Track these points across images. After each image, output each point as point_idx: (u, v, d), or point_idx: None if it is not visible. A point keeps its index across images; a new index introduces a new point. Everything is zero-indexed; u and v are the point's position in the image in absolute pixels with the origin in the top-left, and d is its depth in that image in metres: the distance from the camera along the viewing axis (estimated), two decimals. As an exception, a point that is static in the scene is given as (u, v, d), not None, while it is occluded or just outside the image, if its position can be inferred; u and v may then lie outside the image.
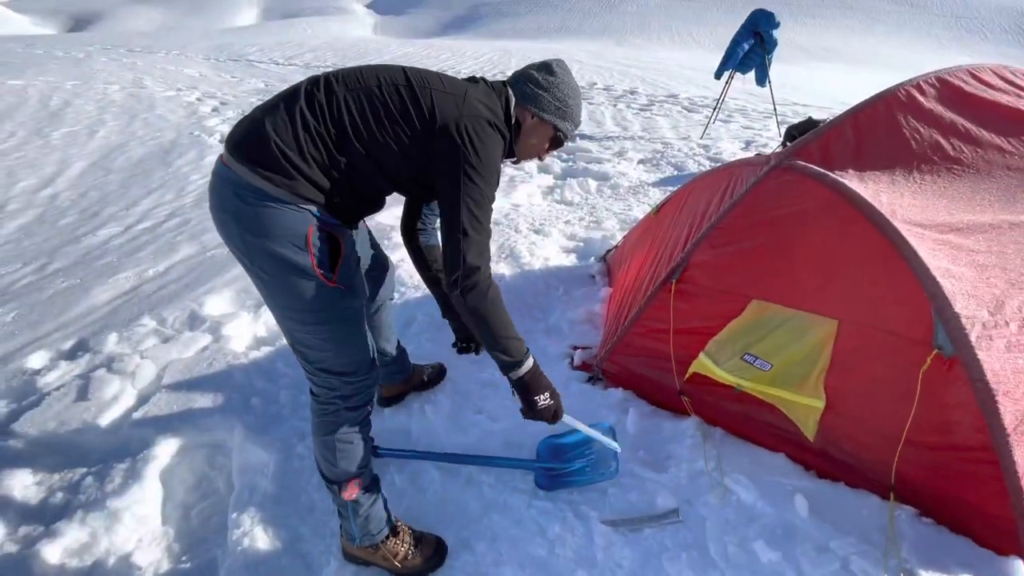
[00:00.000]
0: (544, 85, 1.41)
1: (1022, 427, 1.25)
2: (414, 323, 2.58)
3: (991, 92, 1.88)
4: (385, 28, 39.12)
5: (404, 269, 3.11)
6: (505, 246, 3.48)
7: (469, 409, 1.96)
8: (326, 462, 1.39)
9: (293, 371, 2.24)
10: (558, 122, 1.44)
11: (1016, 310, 1.36)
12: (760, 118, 7.47)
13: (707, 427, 1.80)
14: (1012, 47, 24.30)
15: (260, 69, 13.01)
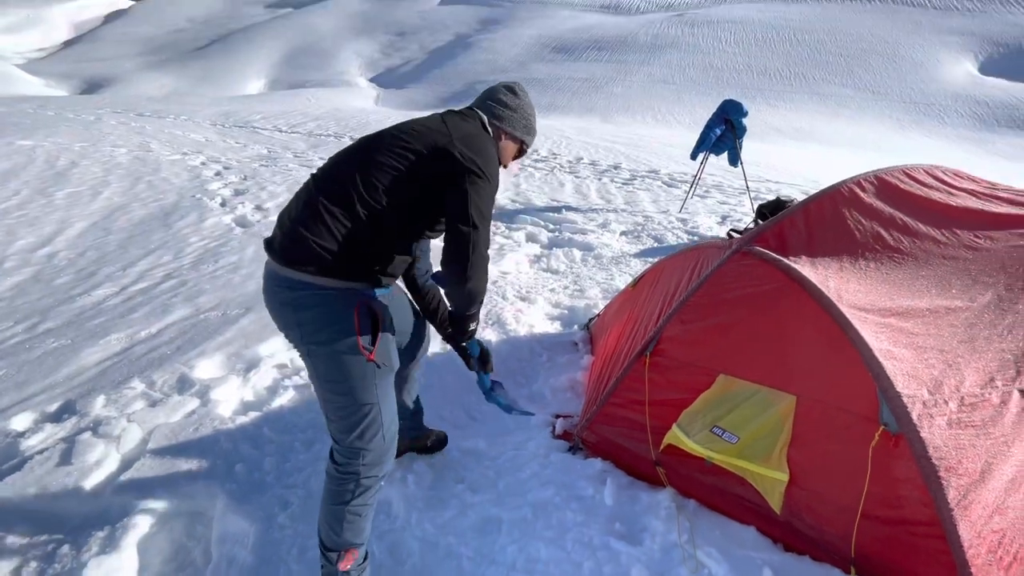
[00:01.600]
0: (513, 107, 1.66)
1: (966, 501, 1.34)
2: (403, 388, 2.65)
3: (924, 189, 2.13)
4: (387, 100, 41.40)
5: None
6: (492, 312, 3.61)
7: (450, 478, 2.00)
8: (330, 531, 1.44)
9: (279, 437, 2.27)
10: (525, 137, 1.71)
11: (954, 389, 1.49)
12: (735, 194, 7.95)
13: (681, 499, 1.85)
14: (967, 129, 26.36)
15: (264, 136, 13.64)
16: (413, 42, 58.14)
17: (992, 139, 24.59)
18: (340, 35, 62.08)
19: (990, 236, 1.93)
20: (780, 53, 37.84)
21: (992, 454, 1.40)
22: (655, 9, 55.70)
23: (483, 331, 3.37)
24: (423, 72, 48.33)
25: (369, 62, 54.74)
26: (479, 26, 59.13)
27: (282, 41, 60.62)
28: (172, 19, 76.84)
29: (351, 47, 58.49)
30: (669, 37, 43.26)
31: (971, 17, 39.62)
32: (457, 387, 2.63)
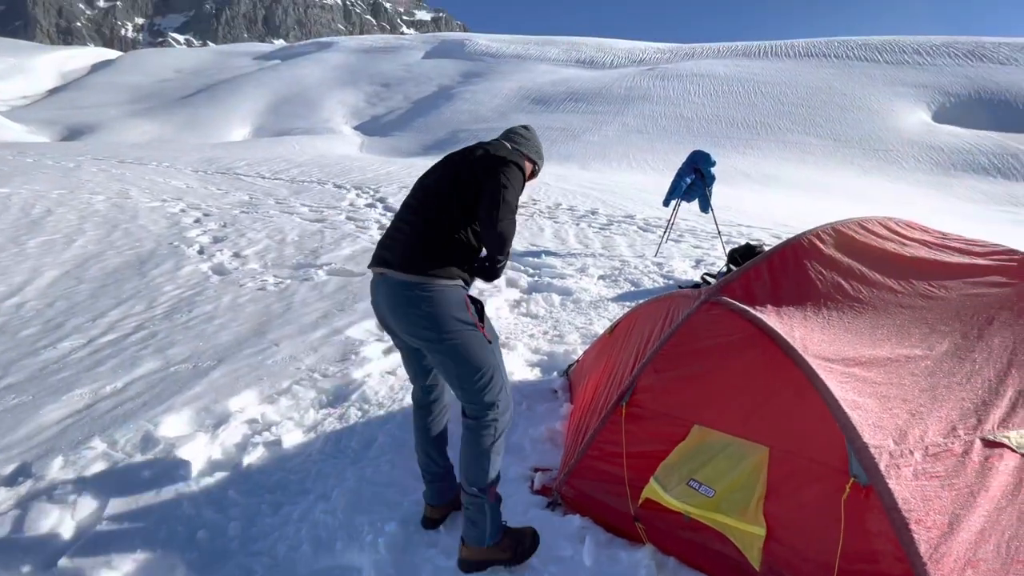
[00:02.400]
0: (528, 137, 2.14)
1: (937, 555, 1.34)
2: (374, 444, 2.58)
3: (879, 240, 2.24)
4: (370, 147, 42.32)
5: (369, 386, 3.16)
6: (471, 362, 3.59)
7: (422, 542, 1.93)
8: (482, 472, 1.78)
9: (245, 500, 2.18)
10: (538, 160, 2.16)
11: (919, 439, 1.52)
12: (708, 238, 8.20)
13: (661, 556, 1.82)
14: (925, 174, 27.92)
15: (246, 182, 13.72)
16: (398, 92, 60.15)
17: (950, 183, 26.03)
18: (326, 85, 64.00)
19: (944, 285, 2.02)
20: (745, 104, 40.08)
21: (958, 505, 1.41)
22: (628, 64, 58.95)
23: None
24: (407, 121, 49.77)
25: (354, 111, 56.25)
26: (461, 79, 61.64)
27: (268, 90, 62.17)
28: (159, 69, 78.45)
29: (336, 96, 60.22)
30: (641, 89, 45.61)
31: (921, 70, 42.76)
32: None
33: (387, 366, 3.45)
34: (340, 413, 2.92)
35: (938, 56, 44.63)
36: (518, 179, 1.87)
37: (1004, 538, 1.42)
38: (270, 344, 3.82)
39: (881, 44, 48.80)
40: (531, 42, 73.44)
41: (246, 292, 5.08)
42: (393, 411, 2.89)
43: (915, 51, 46.21)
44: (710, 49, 58.51)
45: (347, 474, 2.37)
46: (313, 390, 3.16)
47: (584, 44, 69.75)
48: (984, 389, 1.67)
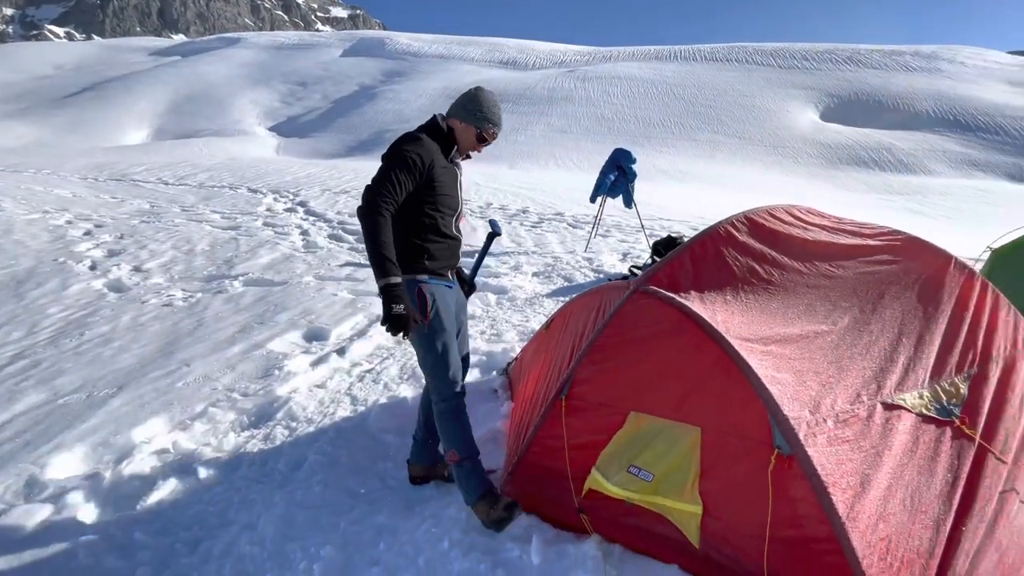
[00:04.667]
0: (462, 101, 2.18)
1: (853, 513, 1.45)
2: (304, 464, 2.42)
3: (785, 226, 2.40)
4: (288, 149, 40.08)
5: (296, 402, 2.96)
6: (408, 367, 3.47)
7: (363, 562, 1.82)
8: (444, 441, 2.09)
9: (156, 541, 1.95)
10: (474, 123, 2.16)
11: (830, 408, 1.65)
12: (633, 232, 8.55)
13: (607, 545, 1.84)
14: (817, 168, 30.89)
15: (146, 189, 12.50)
16: (315, 92, 57.47)
17: (838, 175, 28.98)
18: (235, 83, 59.83)
19: (842, 265, 2.21)
20: (660, 105, 42.35)
21: (867, 465, 1.54)
22: (549, 65, 60.26)
23: (400, 386, 3.22)
24: (328, 121, 47.70)
25: (267, 111, 53.05)
26: (383, 77, 60.02)
27: (168, 89, 57.04)
28: (35, 65, 69.56)
29: (247, 96, 56.49)
30: (564, 90, 46.81)
31: (809, 74, 47.30)
32: (369, 455, 2.46)
33: (316, 379, 3.26)
34: (265, 434, 2.71)
35: (822, 61, 49.63)
36: (389, 156, 2.02)
37: (908, 492, 1.57)
38: (180, 365, 3.48)
39: (774, 50, 53.47)
40: (453, 42, 73.03)
41: (149, 309, 4.60)
42: (324, 427, 2.73)
43: (803, 57, 51.08)
44: (626, 52, 61.22)
45: (275, 499, 2.20)
46: (232, 411, 2.91)
47: (506, 45, 70.41)
48: (881, 357, 1.84)
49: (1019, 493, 1.74)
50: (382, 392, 3.11)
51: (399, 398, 3.00)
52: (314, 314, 4.33)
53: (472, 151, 2.25)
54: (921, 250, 2.20)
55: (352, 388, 3.15)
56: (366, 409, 2.89)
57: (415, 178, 2.01)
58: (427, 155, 2.03)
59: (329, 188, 12.79)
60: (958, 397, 1.80)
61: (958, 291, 2.08)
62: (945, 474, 1.63)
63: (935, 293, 2.06)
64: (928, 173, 28.22)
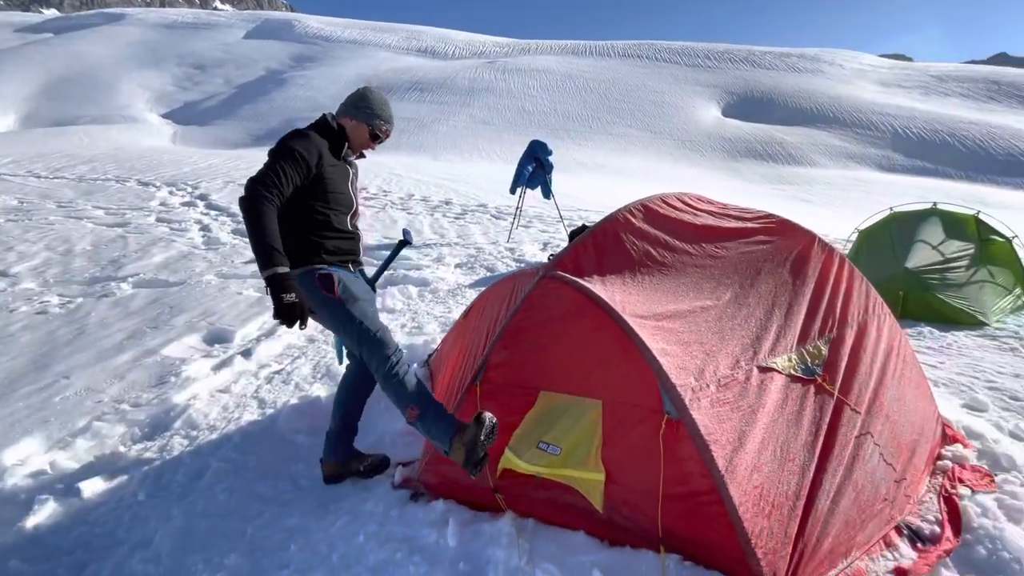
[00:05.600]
0: (351, 100, 2.21)
1: (731, 467, 1.62)
2: (206, 473, 2.27)
3: (676, 212, 2.59)
4: (186, 138, 36.63)
5: (196, 409, 2.76)
6: (321, 365, 3.35)
7: (271, 565, 1.76)
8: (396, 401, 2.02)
9: (34, 567, 1.75)
10: (365, 120, 2.18)
11: (713, 374, 1.81)
12: (553, 223, 8.78)
13: (520, 520, 1.91)
14: (720, 160, 33.36)
15: (14, 184, 10.91)
16: (216, 76, 52.96)
17: (738, 167, 31.45)
18: (120, 65, 53.60)
19: (725, 246, 2.42)
20: (577, 99, 43.58)
21: (744, 423, 1.72)
22: (469, 56, 59.81)
23: (312, 385, 3.10)
24: (231, 108, 44.17)
25: (160, 95, 48.12)
26: (293, 62, 56.51)
27: (39, 71, 49.92)
28: None
29: (135, 79, 50.89)
30: (484, 82, 46.72)
31: (711, 72, 50.74)
32: (279, 458, 2.36)
33: (218, 383, 3.05)
34: (160, 446, 2.51)
35: (722, 61, 53.47)
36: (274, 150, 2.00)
37: (778, 444, 1.78)
38: (57, 378, 3.11)
39: (680, 49, 56.79)
40: (368, 27, 70.24)
41: (19, 318, 4.06)
42: (228, 433, 2.57)
43: (706, 56, 54.71)
44: (544, 46, 62.17)
45: (173, 512, 2.05)
46: (121, 424, 2.67)
47: (424, 33, 68.88)
48: (757, 327, 2.05)
49: (872, 436, 2.03)
50: (293, 393, 2.98)
51: (311, 397, 2.89)
52: (216, 315, 4.04)
53: (366, 149, 2.27)
54: (791, 231, 2.47)
55: (260, 391, 2.99)
56: (275, 411, 2.76)
57: (301, 172, 1.96)
58: (314, 151, 2.01)
59: (233, 180, 11.89)
60: (820, 358, 2.06)
61: (821, 266, 2.36)
62: (810, 426, 1.86)
63: (802, 268, 2.32)
64: (813, 165, 31.45)
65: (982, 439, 2.45)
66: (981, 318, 4.35)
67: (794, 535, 1.60)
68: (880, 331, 2.30)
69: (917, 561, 1.69)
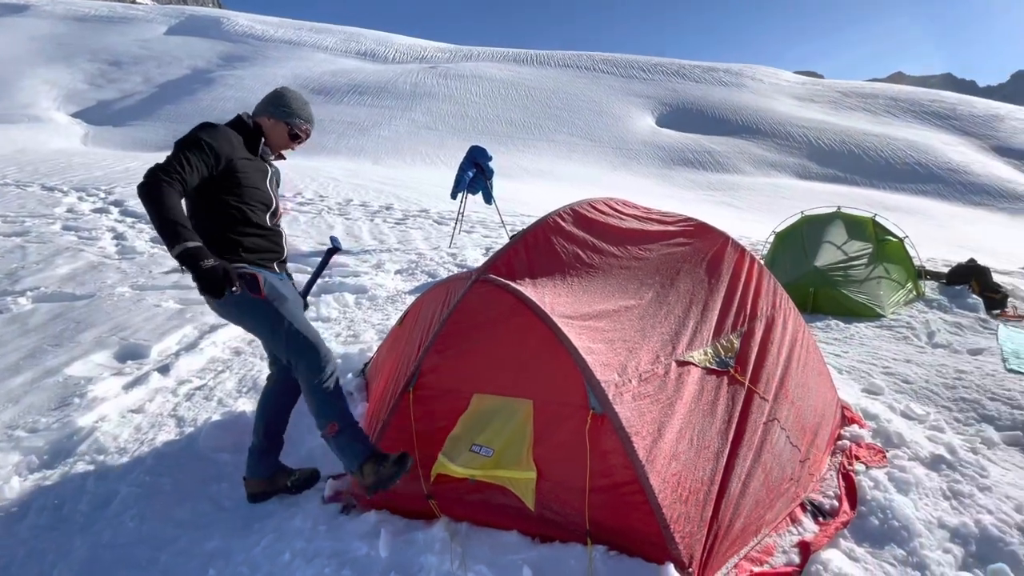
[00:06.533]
0: (268, 99, 2.17)
1: (651, 457, 1.70)
2: (114, 500, 2.10)
3: (603, 216, 2.69)
4: (100, 139, 33.72)
5: (104, 432, 2.55)
6: (247, 378, 3.19)
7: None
8: (316, 415, 1.96)
9: None
10: (287, 119, 2.15)
11: (635, 369, 1.90)
12: (496, 227, 8.84)
13: (454, 524, 1.90)
14: (655, 168, 34.87)
15: None
16: (134, 73, 49.24)
17: (672, 175, 32.99)
18: (22, 60, 48.69)
19: (648, 248, 2.54)
20: (520, 106, 44.19)
21: (663, 414, 1.82)
22: (410, 60, 59.17)
23: (238, 400, 2.95)
24: (152, 108, 41.24)
25: (69, 93, 44.14)
26: (221, 61, 53.58)
27: (-84, 61, 44.30)
28: None
29: (39, 75, 46.41)
30: (426, 87, 46.37)
31: (646, 84, 53.02)
32: (198, 479, 2.23)
33: (130, 403, 2.83)
34: (62, 473, 2.30)
35: (655, 73, 56.04)
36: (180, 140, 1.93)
37: (695, 433, 1.88)
38: (-65, 405, 2.77)
39: (617, 60, 59.01)
40: (303, 28, 67.85)
41: None
42: (141, 455, 2.39)
43: (640, 68, 57.15)
44: (486, 52, 62.58)
45: (74, 544, 1.88)
46: (16, 452, 2.42)
47: (363, 36, 67.45)
48: (676, 323, 2.17)
49: (779, 421, 2.19)
50: (215, 409, 2.81)
51: (236, 413, 2.74)
52: (129, 329, 3.75)
53: (285, 149, 2.23)
54: (707, 233, 2.63)
55: (178, 408, 2.80)
56: (195, 429, 2.59)
57: (208, 162, 1.89)
58: (224, 142, 1.95)
59: (154, 185, 11.06)
60: (732, 351, 2.21)
61: (733, 265, 2.53)
62: (723, 414, 1.99)
63: (716, 268, 2.48)
64: (739, 172, 33.55)
65: (877, 419, 2.71)
66: (879, 310, 4.81)
67: (709, 518, 1.70)
68: (786, 324, 2.49)
69: (818, 534, 1.84)
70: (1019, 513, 2.08)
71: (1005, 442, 2.85)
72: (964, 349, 4.23)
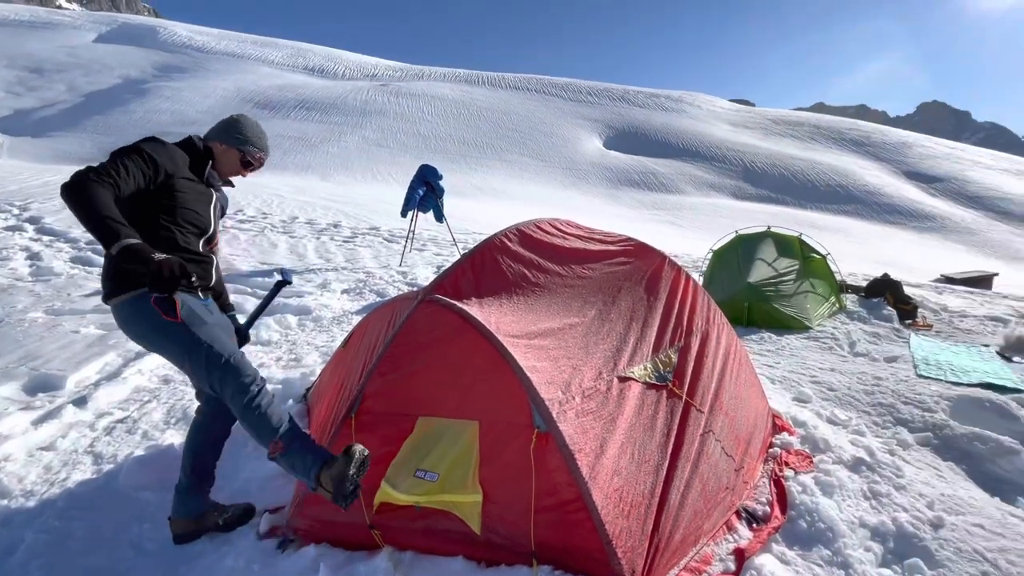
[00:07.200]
0: (222, 125, 2.15)
1: (594, 473, 1.73)
2: (18, 549, 1.90)
3: (548, 236, 2.75)
4: (17, 151, 31.10)
5: (9, 472, 2.31)
6: (177, 408, 2.99)
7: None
8: (257, 437, 1.82)
9: None
10: (240, 146, 2.13)
11: (579, 386, 1.94)
12: (448, 245, 8.82)
13: (398, 554, 1.85)
14: (603, 188, 36.14)
15: None
16: (57, 81, 46.09)
17: (619, 195, 34.21)
18: (-80, 62, 44.57)
19: (591, 267, 2.62)
20: (472, 126, 44.71)
21: (606, 430, 1.86)
22: (360, 77, 58.69)
23: (165, 433, 2.75)
24: (77, 118, 38.64)
25: (-20, 101, 40.72)
26: (157, 72, 51.13)
27: None
28: None
29: (-56, 80, 42.63)
30: (377, 104, 46.07)
31: (593, 107, 55.03)
32: (117, 521, 2.05)
33: (39, 440, 2.58)
34: (-47, 522, 2.05)
35: (602, 98, 58.36)
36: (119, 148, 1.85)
37: (636, 447, 1.93)
38: None
39: (566, 84, 61.01)
40: (248, 40, 66.00)
41: None
42: (51, 497, 2.18)
43: (588, 92, 59.35)
44: (437, 73, 63.05)
45: (-36, 604, 1.68)
46: None
47: (311, 51, 66.37)
48: (618, 340, 2.23)
49: (714, 432, 2.29)
50: (139, 443, 2.61)
51: (162, 447, 2.56)
52: (41, 359, 3.43)
53: (235, 175, 2.22)
54: (646, 252, 2.75)
55: (96, 444, 2.58)
56: (115, 466, 2.39)
57: (147, 173, 1.80)
58: (167, 158, 1.89)
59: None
60: (671, 365, 2.29)
61: (671, 282, 2.65)
62: (662, 428, 2.05)
63: (655, 285, 2.59)
64: (682, 193, 35.26)
65: (805, 426, 2.87)
66: (807, 323, 5.15)
67: (650, 531, 1.74)
68: (719, 338, 2.62)
69: (752, 540, 1.92)
70: (931, 510, 2.25)
71: (918, 443, 3.10)
72: (881, 357, 4.59)
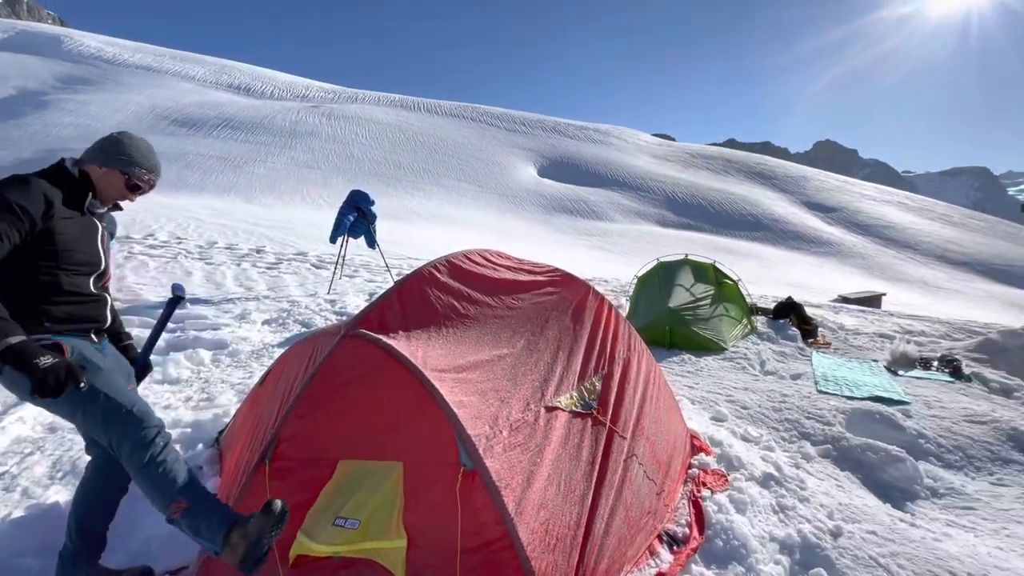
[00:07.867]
0: (102, 145, 1.93)
1: (520, 508, 1.73)
2: None
3: (478, 267, 2.78)
4: None
5: None
6: (64, 460, 2.66)
7: None
8: (156, 497, 1.67)
9: None
10: (123, 168, 1.92)
11: (506, 419, 1.94)
12: (381, 271, 8.63)
13: (315, 610, 1.73)
14: (539, 214, 37.11)
15: None
16: (-66, 88, 40.89)
17: (553, 220, 35.24)
18: None
19: (520, 298, 2.67)
20: (408, 150, 44.61)
21: (532, 463, 1.87)
22: (289, 97, 57.03)
23: (49, 489, 2.43)
24: (-46, 130, 34.38)
25: None
26: (59, 83, 46.87)
27: None
28: None
29: None
30: (308, 125, 44.84)
31: (527, 137, 56.79)
32: None
33: None
34: None
35: (536, 128, 60.48)
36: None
37: (563, 478, 1.96)
38: None
39: (501, 114, 62.71)
40: (165, 55, 62.33)
41: None
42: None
43: (522, 123, 61.30)
44: (371, 96, 62.60)
45: None
46: None
47: (236, 69, 63.75)
48: (545, 370, 2.27)
49: (637, 457, 2.37)
50: (18, 502, 2.29)
51: (45, 506, 2.26)
52: None
53: (122, 200, 2.01)
54: (571, 282, 2.84)
55: (-40, 506, 2.23)
56: (-17, 532, 2.08)
57: (20, 228, 1.64)
58: (39, 201, 1.70)
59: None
60: (595, 393, 2.36)
61: (595, 312, 2.75)
62: (587, 456, 2.10)
63: (580, 315, 2.67)
64: (611, 220, 36.94)
65: (721, 445, 3.05)
66: (723, 344, 5.52)
67: (576, 563, 1.76)
68: (639, 365, 2.75)
69: (672, 563, 1.99)
70: (831, 519, 2.45)
71: (819, 455, 3.37)
72: (788, 375, 4.99)
